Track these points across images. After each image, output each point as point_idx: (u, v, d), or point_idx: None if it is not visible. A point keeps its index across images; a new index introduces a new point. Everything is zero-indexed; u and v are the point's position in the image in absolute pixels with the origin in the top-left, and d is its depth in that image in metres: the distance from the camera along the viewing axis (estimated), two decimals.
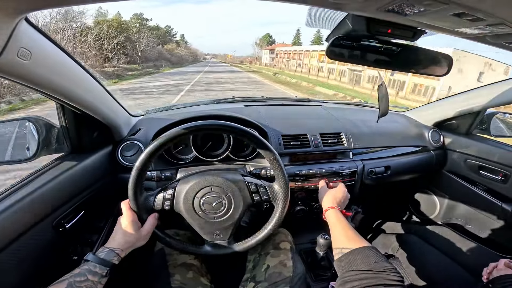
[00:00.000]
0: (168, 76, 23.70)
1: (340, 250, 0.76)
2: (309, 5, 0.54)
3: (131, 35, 34.69)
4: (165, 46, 65.06)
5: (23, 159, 0.90)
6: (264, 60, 76.63)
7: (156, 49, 47.61)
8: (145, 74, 24.07)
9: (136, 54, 34.07)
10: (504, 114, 1.61)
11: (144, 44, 36.24)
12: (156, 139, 0.80)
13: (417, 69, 0.82)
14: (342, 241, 0.79)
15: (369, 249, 0.72)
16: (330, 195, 1.00)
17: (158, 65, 36.85)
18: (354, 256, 0.71)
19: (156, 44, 52.87)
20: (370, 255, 0.69)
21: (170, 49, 64.86)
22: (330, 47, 0.72)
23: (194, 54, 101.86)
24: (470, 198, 1.51)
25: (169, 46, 69.64)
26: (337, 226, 0.86)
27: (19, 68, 0.57)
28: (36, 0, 0.49)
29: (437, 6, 0.46)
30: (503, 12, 0.47)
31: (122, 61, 28.15)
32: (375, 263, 0.66)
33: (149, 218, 0.85)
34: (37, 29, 0.61)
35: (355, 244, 0.75)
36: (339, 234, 0.82)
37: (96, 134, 1.07)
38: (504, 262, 0.95)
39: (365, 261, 0.68)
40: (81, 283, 0.65)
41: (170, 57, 55.52)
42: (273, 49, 71.16)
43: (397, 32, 0.64)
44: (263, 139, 0.86)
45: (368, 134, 1.43)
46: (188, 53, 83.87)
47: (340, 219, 0.88)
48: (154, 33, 62.08)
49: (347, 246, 0.75)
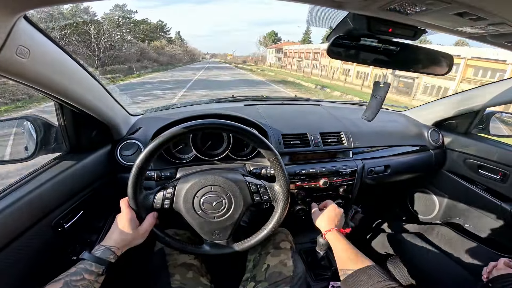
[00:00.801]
0: (134, 88, 14.88)
1: (344, 271, 0.79)
2: (310, 4, 0.54)
3: (83, 27, 25.29)
4: (152, 43, 54.04)
5: (21, 159, 0.90)
6: (269, 59, 67.68)
7: (138, 47, 39.21)
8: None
9: (92, 53, 25.46)
10: (502, 114, 1.62)
11: (104, 40, 26.72)
12: (156, 138, 0.80)
13: (417, 68, 0.82)
14: (345, 263, 0.81)
15: (371, 269, 0.74)
16: (324, 218, 1.01)
17: (137, 68, 28.81)
18: (357, 277, 0.74)
19: (141, 40, 44.55)
20: (372, 275, 0.72)
21: (158, 47, 53.81)
22: (331, 46, 0.72)
23: (191, 53, 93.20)
24: (469, 197, 1.51)
25: (157, 43, 57.26)
26: (337, 247, 0.88)
27: (17, 66, 0.57)
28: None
29: (439, 5, 0.46)
30: (505, 11, 0.47)
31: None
32: (379, 282, 0.69)
33: (147, 217, 0.85)
34: (36, 27, 0.61)
35: (357, 265, 0.77)
36: (341, 256, 0.84)
37: (95, 133, 1.07)
38: (503, 262, 0.95)
39: (369, 281, 0.70)
40: (77, 282, 0.65)
41: (158, 57, 46.18)
42: (280, 47, 62.02)
43: (398, 31, 0.63)
44: (263, 138, 0.86)
45: (368, 134, 1.43)
46: (182, 52, 73.48)
47: (340, 240, 0.90)
48: (141, 28, 53.72)
49: (350, 268, 0.77)
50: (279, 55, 60.39)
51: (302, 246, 1.50)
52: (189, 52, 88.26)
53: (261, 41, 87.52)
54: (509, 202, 1.32)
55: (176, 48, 67.75)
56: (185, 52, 78.47)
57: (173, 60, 56.41)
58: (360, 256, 0.81)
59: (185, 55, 77.82)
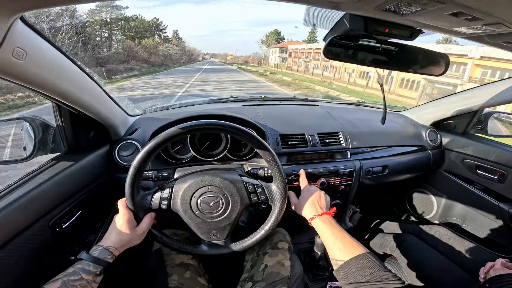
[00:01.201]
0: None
1: (335, 261, 0.76)
2: (307, 4, 0.54)
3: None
4: (143, 42, 46.98)
5: (19, 159, 0.90)
6: (272, 60, 63.35)
7: (125, 45, 34.37)
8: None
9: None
10: (500, 114, 1.62)
11: (76, 37, 21.64)
12: (153, 138, 0.80)
13: (415, 68, 0.82)
14: (335, 253, 0.78)
15: (363, 258, 0.72)
16: (306, 204, 0.94)
17: (121, 70, 24.72)
18: (349, 268, 0.71)
19: (131, 39, 38.79)
20: (365, 266, 0.70)
21: (149, 46, 46.44)
22: (328, 46, 0.72)
23: (190, 53, 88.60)
24: (467, 197, 1.52)
25: (148, 41, 49.37)
26: (324, 236, 0.84)
27: (14, 68, 0.57)
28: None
29: (434, 6, 0.46)
30: (500, 11, 0.47)
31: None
32: (371, 274, 0.67)
33: (145, 218, 0.85)
34: (33, 28, 0.61)
35: (348, 254, 0.74)
36: (330, 245, 0.81)
37: (92, 133, 1.07)
38: (501, 262, 0.96)
39: (362, 273, 0.68)
40: (75, 282, 0.65)
41: (149, 57, 41.27)
42: (285, 47, 56.21)
43: (395, 31, 0.64)
44: (260, 139, 0.86)
45: (366, 134, 1.43)
46: (179, 51, 68.94)
47: (326, 226, 0.85)
48: (131, 25, 47.35)
49: (340, 258, 0.75)
50: (284, 55, 55.55)
51: (300, 246, 1.50)
52: (187, 52, 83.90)
53: (263, 40, 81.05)
54: (507, 202, 1.33)
55: (172, 47, 62.81)
56: (182, 52, 74.19)
57: (167, 61, 51.45)
58: (350, 243, 0.78)
59: (183, 54, 73.83)
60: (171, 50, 60.15)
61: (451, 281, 1.22)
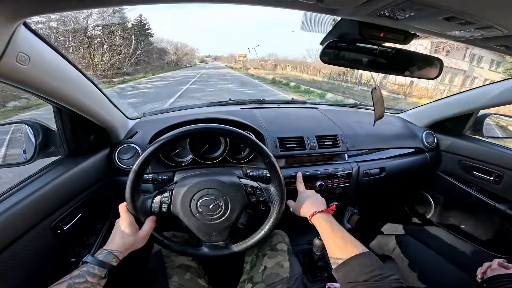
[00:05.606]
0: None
1: (334, 260, 0.77)
2: (302, 10, 0.55)
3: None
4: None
5: (20, 163, 0.90)
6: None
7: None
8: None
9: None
10: (496, 116, 1.64)
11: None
12: (153, 143, 0.81)
13: (412, 71, 0.84)
14: (334, 251, 0.78)
15: (363, 257, 0.72)
16: (305, 205, 0.97)
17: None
18: (348, 267, 0.72)
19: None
20: (364, 265, 0.70)
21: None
22: (324, 49, 0.74)
23: (183, 52, 64.91)
24: (464, 198, 1.53)
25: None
26: (324, 233, 0.85)
27: (17, 73, 0.58)
28: (34, 5, 0.49)
29: (427, 11, 0.48)
30: (492, 15, 0.49)
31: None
32: (371, 273, 0.67)
33: (147, 221, 0.86)
34: (36, 34, 0.62)
35: (347, 252, 0.74)
36: (329, 243, 0.81)
37: (93, 137, 1.07)
38: (498, 262, 0.97)
39: (361, 272, 0.68)
40: (80, 284, 0.66)
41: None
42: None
43: (389, 35, 0.65)
44: (258, 141, 0.87)
45: (363, 136, 1.45)
46: (158, 50, 44.03)
47: (325, 224, 0.87)
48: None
49: (339, 257, 0.75)
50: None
51: (298, 248, 1.50)
52: (178, 52, 60.06)
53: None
54: (503, 203, 1.34)
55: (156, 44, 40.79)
56: (162, 52, 48.37)
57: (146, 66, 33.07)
58: (349, 241, 0.78)
59: (172, 56, 53.93)
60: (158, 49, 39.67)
61: (448, 281, 1.22)
